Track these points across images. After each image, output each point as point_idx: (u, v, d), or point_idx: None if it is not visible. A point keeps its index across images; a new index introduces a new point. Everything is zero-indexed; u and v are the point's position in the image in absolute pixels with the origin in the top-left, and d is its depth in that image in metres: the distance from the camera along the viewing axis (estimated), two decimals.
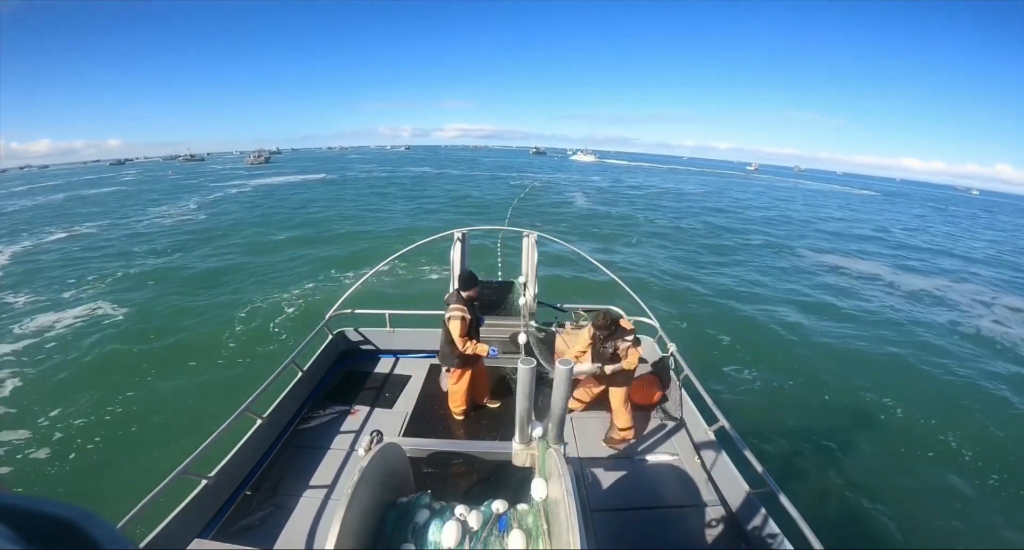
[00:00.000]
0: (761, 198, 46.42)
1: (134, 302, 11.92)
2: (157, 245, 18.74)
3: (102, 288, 13.23)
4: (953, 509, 5.50)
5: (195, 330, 10.09)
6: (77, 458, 6.16)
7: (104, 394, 7.52)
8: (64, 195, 42.71)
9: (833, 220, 32.62)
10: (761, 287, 14.14)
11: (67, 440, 6.46)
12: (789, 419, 7.02)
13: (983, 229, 38.69)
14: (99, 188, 49.35)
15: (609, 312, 3.94)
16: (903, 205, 58.80)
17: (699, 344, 9.28)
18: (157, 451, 5.95)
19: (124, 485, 5.24)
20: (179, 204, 31.97)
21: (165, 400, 7.36)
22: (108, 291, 12.87)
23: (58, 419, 6.89)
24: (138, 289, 12.98)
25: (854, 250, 21.33)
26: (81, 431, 6.64)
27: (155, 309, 11.44)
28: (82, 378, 8.11)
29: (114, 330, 10.19)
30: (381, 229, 21.26)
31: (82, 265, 15.81)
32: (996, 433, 7.04)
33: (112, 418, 6.94)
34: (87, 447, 6.33)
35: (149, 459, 5.82)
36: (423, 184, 44.05)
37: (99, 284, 13.58)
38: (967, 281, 17.25)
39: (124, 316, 11.04)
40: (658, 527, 3.15)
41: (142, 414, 6.99)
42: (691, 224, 25.03)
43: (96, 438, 6.49)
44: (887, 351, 9.95)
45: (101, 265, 15.75)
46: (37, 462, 6.07)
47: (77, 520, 0.44)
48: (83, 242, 19.91)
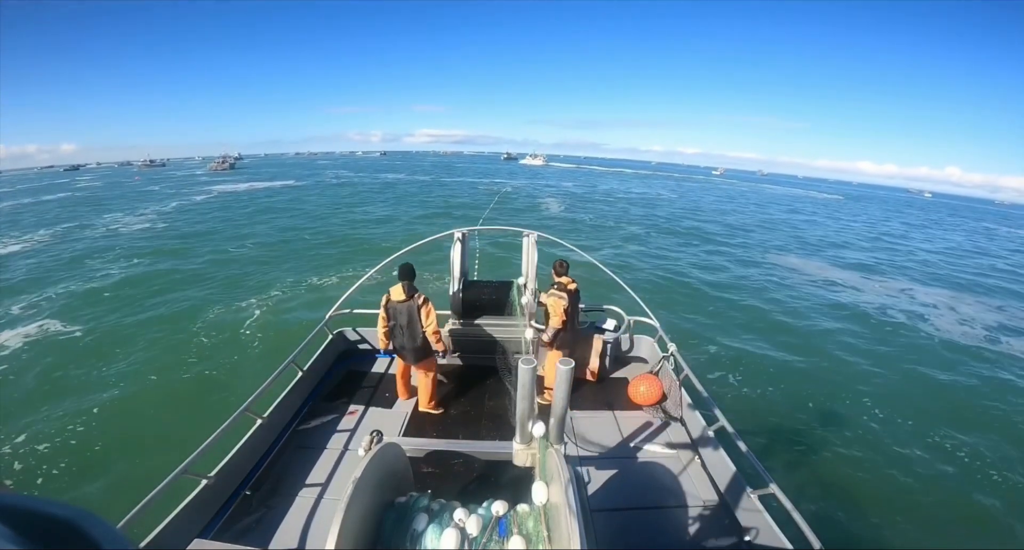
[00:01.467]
0: (732, 202, 48.12)
1: (88, 318, 10.95)
2: (114, 256, 17.50)
3: (54, 304, 12.14)
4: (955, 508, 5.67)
5: (154, 346, 9.39)
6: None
7: (55, 418, 6.87)
8: (11, 203, 39.83)
9: (821, 227, 33.86)
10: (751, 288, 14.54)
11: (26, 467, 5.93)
12: (788, 418, 7.21)
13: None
14: (52, 194, 46.11)
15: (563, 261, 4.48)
16: (875, 208, 61.27)
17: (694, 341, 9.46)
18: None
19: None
20: (140, 212, 30.08)
21: (118, 417, 6.85)
22: (59, 309, 11.81)
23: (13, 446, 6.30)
24: (92, 305, 11.99)
25: (866, 261, 21.72)
26: (42, 457, 6.11)
27: (110, 326, 10.57)
28: (32, 402, 7.35)
29: (63, 350, 9.32)
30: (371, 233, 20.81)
31: (32, 280, 14.53)
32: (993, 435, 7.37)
33: (76, 441, 6.40)
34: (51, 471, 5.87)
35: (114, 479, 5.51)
36: (426, 190, 43.65)
37: (52, 301, 12.45)
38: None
39: (79, 333, 10.11)
40: (658, 527, 3.18)
41: (95, 435, 6.47)
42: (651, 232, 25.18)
43: (60, 463, 6.00)
44: (883, 351, 10.41)
45: (51, 279, 14.52)
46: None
47: (77, 520, 0.43)
48: (34, 254, 18.31)
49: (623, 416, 4.40)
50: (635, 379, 4.69)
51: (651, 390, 4.53)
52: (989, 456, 6.72)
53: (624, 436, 4.05)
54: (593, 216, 28.78)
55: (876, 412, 7.73)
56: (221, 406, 6.53)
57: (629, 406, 4.55)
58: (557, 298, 4.34)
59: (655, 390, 4.53)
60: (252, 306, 11.49)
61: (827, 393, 8.21)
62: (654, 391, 4.53)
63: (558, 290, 4.38)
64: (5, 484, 0.50)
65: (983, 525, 5.46)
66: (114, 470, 5.76)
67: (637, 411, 4.48)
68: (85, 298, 12.50)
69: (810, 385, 8.50)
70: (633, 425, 4.24)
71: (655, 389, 4.53)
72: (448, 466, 3.40)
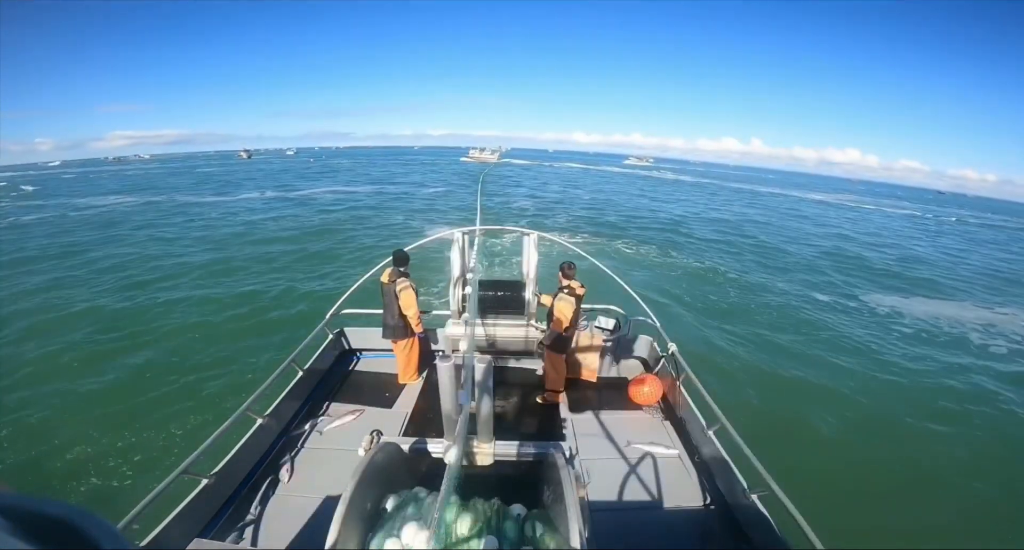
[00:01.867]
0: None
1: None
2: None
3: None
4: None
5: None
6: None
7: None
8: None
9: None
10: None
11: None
12: (789, 417, 7.19)
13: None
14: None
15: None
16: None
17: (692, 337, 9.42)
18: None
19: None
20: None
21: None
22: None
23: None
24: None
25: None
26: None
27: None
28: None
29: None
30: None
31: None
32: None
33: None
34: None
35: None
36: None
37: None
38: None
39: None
40: (658, 527, 3.18)
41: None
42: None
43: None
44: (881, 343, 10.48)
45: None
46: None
47: (77, 520, 0.43)
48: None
49: (623, 416, 4.39)
50: (635, 379, 4.68)
51: (651, 390, 4.52)
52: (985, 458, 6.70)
53: (624, 436, 4.04)
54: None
55: (876, 411, 7.72)
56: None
57: (629, 406, 4.54)
58: (567, 303, 4.29)
59: (655, 390, 4.52)
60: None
61: (827, 393, 8.19)
62: (654, 391, 4.52)
63: (568, 294, 4.33)
64: (5, 484, 0.51)
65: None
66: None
67: (637, 411, 4.48)
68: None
69: (805, 377, 8.53)
70: (633, 425, 4.24)
71: (655, 389, 4.53)
72: (448, 466, 3.39)
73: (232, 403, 5.60)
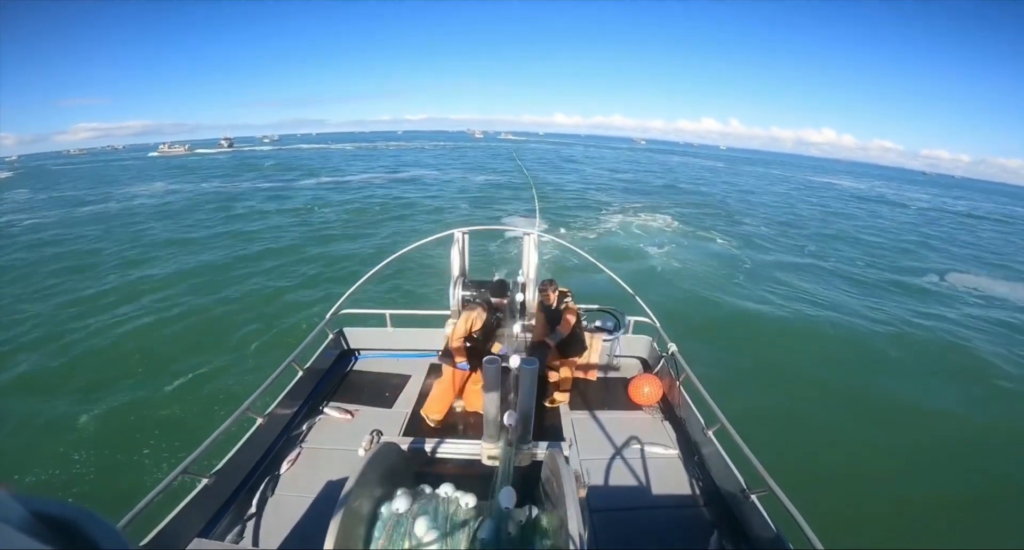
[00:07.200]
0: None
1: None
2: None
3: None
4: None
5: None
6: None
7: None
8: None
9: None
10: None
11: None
12: (789, 417, 7.20)
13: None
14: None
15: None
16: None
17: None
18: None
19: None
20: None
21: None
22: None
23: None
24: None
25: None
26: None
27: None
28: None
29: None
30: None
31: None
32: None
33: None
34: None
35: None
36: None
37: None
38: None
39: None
40: (658, 527, 3.18)
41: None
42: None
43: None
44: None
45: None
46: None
47: (77, 520, 0.43)
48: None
49: (623, 416, 4.39)
50: (635, 379, 4.67)
51: (651, 390, 4.51)
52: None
53: (624, 436, 4.04)
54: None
55: (876, 409, 7.72)
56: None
57: (629, 406, 4.54)
58: (576, 313, 4.56)
59: (655, 390, 4.52)
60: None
61: (826, 391, 8.21)
62: (654, 391, 4.51)
63: (572, 301, 4.59)
64: (5, 484, 0.51)
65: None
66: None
67: (637, 411, 4.47)
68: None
69: (807, 380, 8.52)
70: (633, 425, 4.23)
71: (655, 389, 4.52)
72: (448, 465, 3.39)
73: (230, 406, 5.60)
